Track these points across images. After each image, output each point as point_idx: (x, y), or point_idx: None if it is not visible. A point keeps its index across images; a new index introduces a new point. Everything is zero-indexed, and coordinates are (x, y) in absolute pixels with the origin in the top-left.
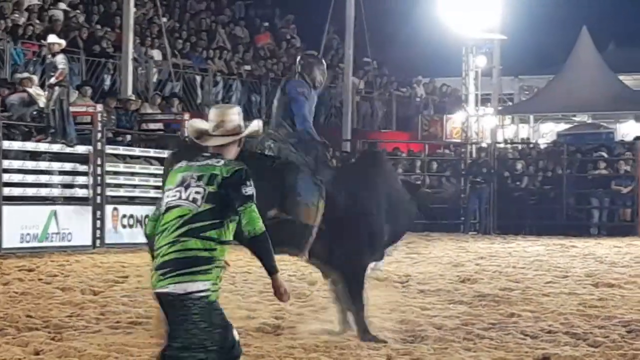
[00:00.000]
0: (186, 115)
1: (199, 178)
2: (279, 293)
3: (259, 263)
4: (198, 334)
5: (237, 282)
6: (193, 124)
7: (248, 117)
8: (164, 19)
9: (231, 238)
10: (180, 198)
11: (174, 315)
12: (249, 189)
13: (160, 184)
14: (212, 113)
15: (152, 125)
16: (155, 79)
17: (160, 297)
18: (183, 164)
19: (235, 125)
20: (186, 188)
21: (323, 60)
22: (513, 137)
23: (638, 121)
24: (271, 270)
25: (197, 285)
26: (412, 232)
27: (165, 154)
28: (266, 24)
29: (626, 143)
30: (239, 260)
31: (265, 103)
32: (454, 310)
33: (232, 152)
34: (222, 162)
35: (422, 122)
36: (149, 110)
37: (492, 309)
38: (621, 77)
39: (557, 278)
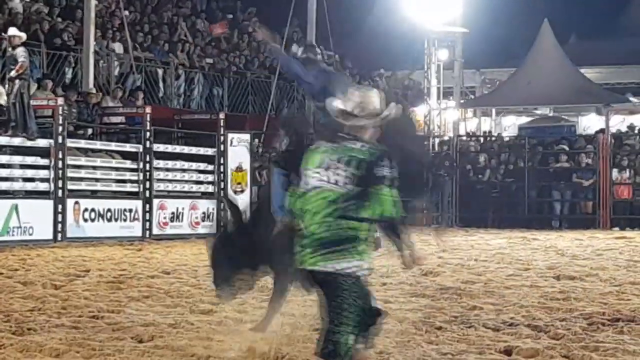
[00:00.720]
0: (148, 109)
1: (339, 160)
2: (411, 263)
3: None
4: (349, 308)
5: (200, 276)
6: (335, 104)
7: (210, 110)
8: (126, 12)
9: (374, 215)
10: (321, 180)
11: (326, 291)
12: (383, 170)
13: (122, 177)
14: (354, 94)
15: (113, 119)
16: (116, 72)
17: (310, 274)
18: (321, 144)
19: (375, 107)
20: (327, 169)
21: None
22: (475, 130)
23: (599, 114)
24: (406, 245)
25: (345, 264)
26: None
27: (127, 147)
28: (230, 16)
29: (587, 136)
30: (201, 254)
31: (228, 96)
32: (416, 304)
33: (370, 134)
34: (360, 144)
35: None
36: (110, 104)
37: (454, 301)
38: (582, 70)
39: (519, 271)
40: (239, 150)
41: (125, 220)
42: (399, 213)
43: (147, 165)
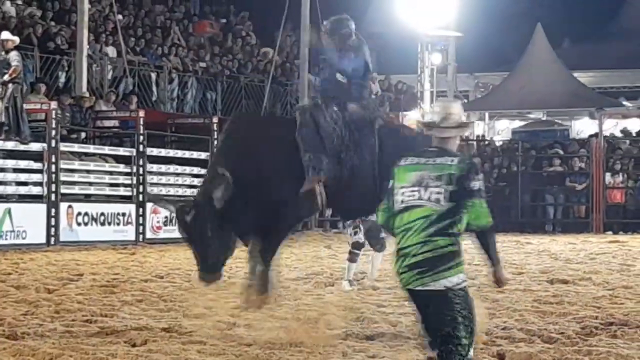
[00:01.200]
0: (141, 113)
1: (438, 178)
2: (500, 281)
3: None
4: (463, 321)
5: (193, 280)
6: (420, 118)
7: (203, 114)
8: (119, 16)
9: (471, 228)
10: (420, 198)
11: (437, 310)
12: (476, 184)
13: (115, 181)
14: (438, 106)
15: (106, 123)
16: (110, 76)
17: (418, 294)
18: (414, 160)
19: (460, 118)
20: (425, 188)
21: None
22: (468, 134)
23: (592, 118)
24: (494, 261)
25: (455, 279)
26: None
27: (120, 151)
28: (224, 20)
29: (581, 140)
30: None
31: (221, 100)
32: (409, 308)
33: (456, 144)
34: (456, 159)
35: None
36: (104, 108)
37: None
38: (576, 74)
39: (513, 275)
40: None
41: (118, 224)
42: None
43: (141, 169)
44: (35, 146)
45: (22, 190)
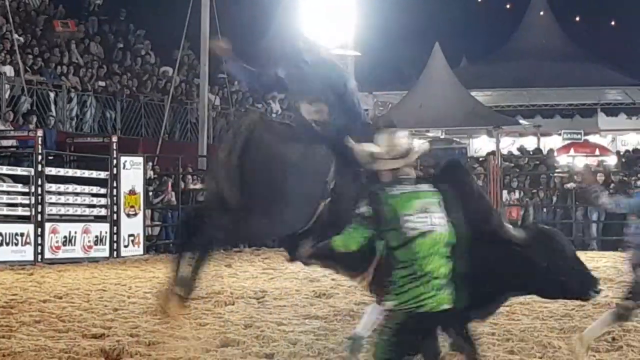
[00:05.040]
0: (39, 132)
1: (439, 203)
2: None
3: (114, 281)
4: None
5: (92, 300)
6: (365, 149)
7: (103, 133)
8: (16, 35)
9: None
10: (432, 224)
11: (439, 328)
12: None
13: (13, 201)
14: (382, 138)
15: (4, 142)
16: (7, 95)
17: (435, 316)
18: (405, 189)
19: (406, 147)
20: (432, 214)
21: None
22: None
23: (490, 137)
24: None
25: None
26: (267, 248)
27: (18, 170)
28: (120, 45)
29: (478, 158)
30: (94, 278)
31: (120, 119)
32: (309, 326)
33: (412, 172)
34: (428, 185)
35: None
36: (1, 127)
37: (347, 323)
38: (473, 93)
39: None
40: (132, 173)
41: (16, 244)
42: None
43: (39, 189)
44: None
45: None
